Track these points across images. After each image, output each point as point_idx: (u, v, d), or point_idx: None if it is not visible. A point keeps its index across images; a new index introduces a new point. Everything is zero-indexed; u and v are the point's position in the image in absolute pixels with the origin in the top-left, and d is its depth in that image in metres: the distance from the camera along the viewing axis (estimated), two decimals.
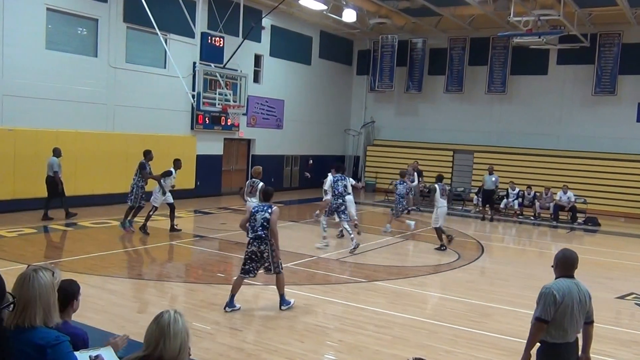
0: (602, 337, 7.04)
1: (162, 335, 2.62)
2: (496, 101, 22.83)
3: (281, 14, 20.37)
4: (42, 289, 2.71)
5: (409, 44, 23.88)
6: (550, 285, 4.09)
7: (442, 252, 11.91)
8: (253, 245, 7.27)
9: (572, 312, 4.02)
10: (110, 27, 15.42)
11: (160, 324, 2.64)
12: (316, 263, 10.31)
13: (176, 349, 2.62)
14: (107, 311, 6.82)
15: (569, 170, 20.13)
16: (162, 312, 2.71)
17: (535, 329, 4.11)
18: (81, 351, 2.88)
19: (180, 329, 2.65)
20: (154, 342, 2.63)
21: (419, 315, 7.43)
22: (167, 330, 2.62)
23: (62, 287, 3.28)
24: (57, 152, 13.09)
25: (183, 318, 2.71)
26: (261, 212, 7.26)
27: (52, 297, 2.77)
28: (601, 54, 20.38)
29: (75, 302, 3.38)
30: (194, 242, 11.88)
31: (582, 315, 4.13)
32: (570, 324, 4.04)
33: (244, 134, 20.37)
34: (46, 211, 13.01)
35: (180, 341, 2.63)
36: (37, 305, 2.68)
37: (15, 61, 13.34)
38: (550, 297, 3.99)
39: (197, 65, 16.94)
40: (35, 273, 2.74)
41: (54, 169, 12.93)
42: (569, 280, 4.12)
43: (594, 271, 11.20)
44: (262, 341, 6.28)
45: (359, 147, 25.81)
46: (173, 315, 2.68)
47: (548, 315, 4.01)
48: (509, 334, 6.88)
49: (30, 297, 2.68)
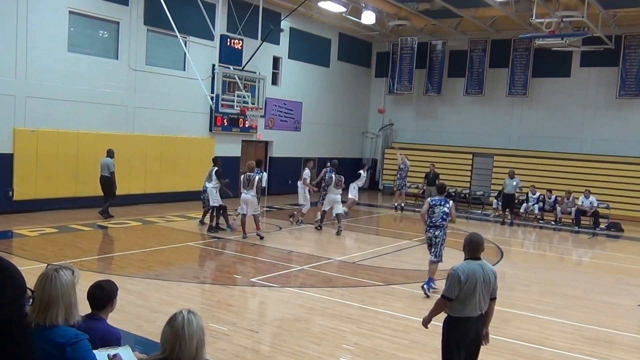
0: (625, 346, 6.89)
1: (177, 338, 2.59)
2: (517, 104, 22.54)
3: (300, 16, 20.41)
4: (64, 289, 2.74)
5: (429, 45, 23.73)
6: (457, 267, 4.54)
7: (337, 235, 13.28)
8: (429, 232, 8.50)
9: (474, 290, 4.46)
10: (131, 29, 15.61)
11: (174, 327, 2.61)
12: (333, 266, 10.27)
13: (193, 350, 2.59)
14: (125, 311, 6.86)
15: (592, 175, 19.77)
16: (176, 314, 2.67)
17: (439, 304, 4.71)
18: (100, 350, 2.90)
19: (195, 330, 2.62)
20: (169, 345, 2.60)
21: (436, 320, 7.32)
22: (181, 333, 2.59)
23: (102, 287, 3.43)
24: (110, 153, 13.64)
25: (197, 317, 2.67)
26: (439, 206, 8.40)
27: (73, 296, 2.80)
28: (626, 56, 19.99)
29: (114, 302, 3.47)
30: (211, 243, 11.93)
31: (487, 293, 4.58)
32: (471, 301, 4.49)
33: (261, 136, 20.43)
34: (106, 209, 13.50)
35: (196, 342, 2.60)
36: (59, 304, 2.71)
37: (39, 64, 13.58)
38: (456, 278, 4.47)
39: (216, 67, 17.03)
40: (57, 272, 2.77)
41: (110, 169, 13.46)
42: (474, 262, 4.58)
43: (617, 278, 10.97)
44: (278, 343, 6.26)
45: (377, 150, 25.71)
46: (187, 317, 2.63)
47: (452, 294, 4.50)
48: (528, 340, 6.76)
49: (53, 296, 2.71)
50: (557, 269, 11.86)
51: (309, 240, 12.82)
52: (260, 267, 10.13)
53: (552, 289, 9.56)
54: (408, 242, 13.30)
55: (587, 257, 13.95)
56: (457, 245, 12.62)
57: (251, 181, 11.80)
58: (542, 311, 8.04)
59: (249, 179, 11.87)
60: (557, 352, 6.41)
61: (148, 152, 16.08)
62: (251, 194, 11.83)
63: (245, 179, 11.94)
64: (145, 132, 16.14)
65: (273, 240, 12.32)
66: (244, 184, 11.90)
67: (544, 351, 6.43)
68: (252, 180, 11.80)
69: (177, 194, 16.86)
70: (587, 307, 8.58)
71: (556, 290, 9.48)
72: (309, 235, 13.37)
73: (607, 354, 6.51)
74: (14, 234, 11.48)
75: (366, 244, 12.94)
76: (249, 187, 11.81)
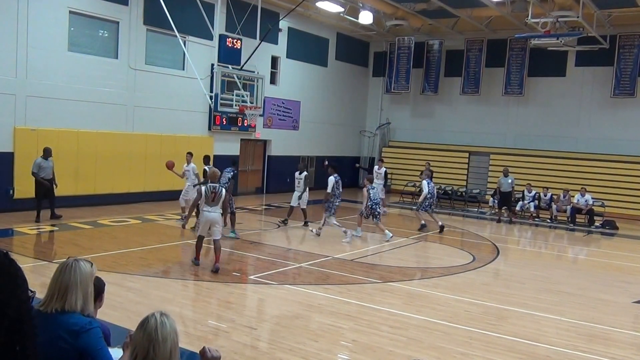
0: (620, 342, 7.01)
1: (151, 342, 2.49)
2: (513, 103, 22.68)
3: (298, 16, 20.49)
4: (82, 276, 2.85)
5: (426, 45, 23.84)
6: None
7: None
8: None
9: None
10: (131, 29, 15.68)
11: (147, 330, 2.52)
12: (331, 263, 10.38)
13: (167, 353, 2.51)
14: (125, 308, 6.94)
15: (587, 173, 19.92)
16: (148, 317, 2.58)
17: None
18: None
19: (168, 332, 2.53)
20: (143, 350, 2.50)
21: (433, 317, 7.45)
22: (155, 336, 2.49)
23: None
24: (51, 153, 12.78)
25: (171, 320, 2.59)
26: None
27: (90, 286, 2.90)
28: (620, 56, 20.14)
29: (102, 297, 3.47)
30: (210, 241, 12.01)
31: None
32: None
33: (260, 135, 20.53)
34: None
35: (170, 345, 2.52)
36: (77, 290, 2.81)
37: (39, 63, 13.64)
38: None
39: (215, 67, 17.10)
40: (76, 262, 2.88)
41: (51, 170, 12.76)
42: None
43: (612, 275, 11.11)
44: (276, 340, 6.34)
45: (374, 149, 25.81)
46: (160, 319, 2.55)
47: None
48: (524, 337, 6.87)
49: (71, 282, 2.81)
50: (553, 267, 12.00)
51: (307, 239, 12.91)
52: (259, 264, 10.24)
53: (548, 286, 9.68)
54: (405, 239, 13.42)
55: (583, 255, 14.10)
56: (454, 243, 12.74)
57: (217, 195, 9.19)
58: (538, 308, 8.15)
59: (214, 192, 9.21)
60: (553, 349, 6.52)
61: (147, 151, 16.15)
62: (218, 212, 9.30)
63: (210, 192, 9.20)
64: (144, 131, 16.21)
65: (272, 239, 12.41)
66: (208, 198, 9.18)
67: (540, 348, 6.54)
68: (219, 193, 9.21)
69: (176, 192, 16.90)
70: (582, 304, 8.69)
71: (552, 287, 9.61)
72: (308, 234, 13.46)
73: (603, 350, 6.60)
74: (15, 231, 11.55)
75: (363, 242, 13.05)
76: (214, 202, 9.18)
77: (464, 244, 13.64)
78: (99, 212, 13.95)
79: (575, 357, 6.33)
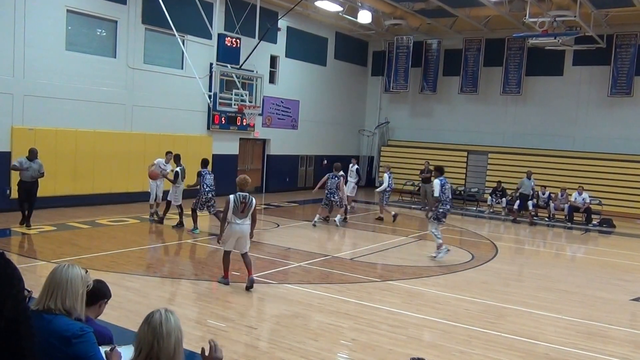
0: (618, 340, 7.04)
1: (155, 336, 2.49)
2: (511, 102, 22.72)
3: (297, 15, 20.49)
4: (73, 278, 2.84)
5: (424, 45, 23.87)
6: None
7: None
8: None
9: None
10: (129, 28, 15.65)
11: (152, 325, 2.52)
12: (330, 262, 10.39)
13: (171, 349, 2.50)
14: (124, 307, 6.93)
15: (584, 172, 19.97)
16: (153, 312, 2.58)
17: None
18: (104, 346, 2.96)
19: (173, 328, 2.53)
20: (147, 344, 2.49)
21: (433, 315, 7.47)
22: (159, 330, 2.49)
23: (94, 285, 3.38)
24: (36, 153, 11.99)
25: (175, 316, 2.60)
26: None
27: (81, 289, 2.87)
28: (617, 55, 20.20)
29: (104, 303, 3.48)
30: (210, 240, 12.02)
31: None
32: None
33: (259, 134, 20.52)
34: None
35: (174, 340, 2.52)
36: (66, 289, 2.79)
37: (36, 62, 13.61)
38: None
39: (214, 66, 17.13)
40: (70, 265, 2.89)
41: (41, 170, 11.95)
42: None
43: (609, 273, 11.15)
44: (276, 339, 6.34)
45: (373, 148, 25.84)
46: (164, 314, 2.55)
47: None
48: (524, 335, 6.90)
49: (62, 281, 2.80)
50: (551, 265, 12.03)
51: (306, 238, 12.93)
52: (259, 264, 10.22)
53: (547, 284, 9.71)
54: (404, 238, 13.44)
55: (581, 253, 14.14)
56: (453, 242, 12.77)
57: (247, 205, 8.14)
58: (537, 306, 8.18)
59: (244, 202, 8.14)
60: (552, 347, 6.54)
61: (146, 150, 16.12)
62: (247, 224, 8.22)
63: (239, 202, 8.14)
64: (143, 130, 16.19)
65: (271, 238, 12.43)
66: (237, 209, 8.13)
67: (539, 345, 6.56)
68: (249, 203, 8.15)
69: None
70: (580, 302, 8.73)
71: (550, 285, 9.64)
72: (307, 233, 13.48)
73: (601, 348, 6.64)
74: (12, 231, 11.54)
75: (363, 241, 13.07)
76: (244, 214, 8.13)
77: (462, 242, 13.67)
78: (98, 211, 13.94)
79: (573, 354, 6.35)
